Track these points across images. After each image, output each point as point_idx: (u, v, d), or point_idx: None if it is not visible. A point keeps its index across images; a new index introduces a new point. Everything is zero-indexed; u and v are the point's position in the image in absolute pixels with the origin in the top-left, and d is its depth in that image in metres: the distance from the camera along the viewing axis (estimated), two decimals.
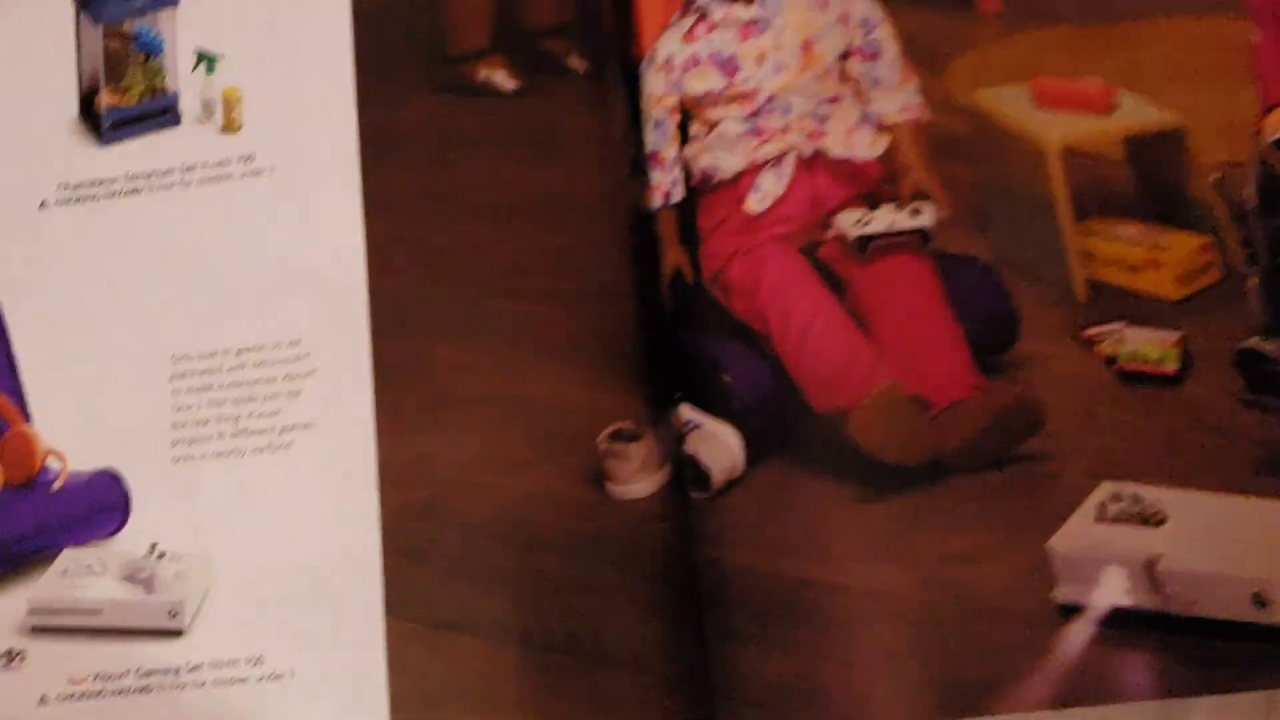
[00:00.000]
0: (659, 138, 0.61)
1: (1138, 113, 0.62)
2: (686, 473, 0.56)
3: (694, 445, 0.56)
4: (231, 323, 0.56)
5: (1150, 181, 0.63)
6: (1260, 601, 0.50)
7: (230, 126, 0.59)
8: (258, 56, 0.60)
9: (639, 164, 0.61)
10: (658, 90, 0.61)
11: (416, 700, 0.51)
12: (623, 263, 0.58)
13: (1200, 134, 0.61)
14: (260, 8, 0.60)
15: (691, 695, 0.52)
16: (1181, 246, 0.60)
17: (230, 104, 0.59)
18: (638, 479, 0.55)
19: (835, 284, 0.59)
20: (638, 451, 0.55)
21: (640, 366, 0.56)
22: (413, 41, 0.62)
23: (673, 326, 0.58)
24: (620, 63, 0.62)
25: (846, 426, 0.56)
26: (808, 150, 0.60)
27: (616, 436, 0.55)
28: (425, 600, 0.52)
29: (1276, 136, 0.57)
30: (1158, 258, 0.60)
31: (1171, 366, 0.58)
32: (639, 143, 0.61)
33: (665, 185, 0.61)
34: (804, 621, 0.53)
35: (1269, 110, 0.58)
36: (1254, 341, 0.56)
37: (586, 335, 0.56)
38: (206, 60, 0.60)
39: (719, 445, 0.57)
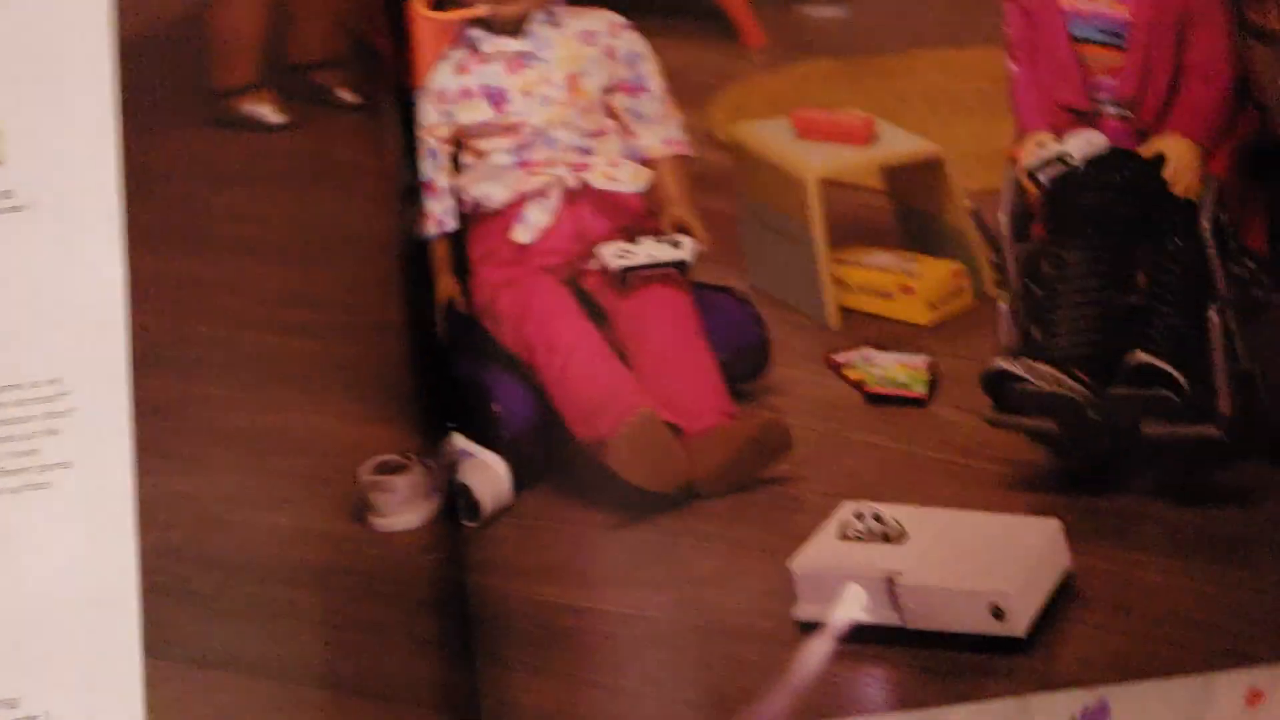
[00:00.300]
0: (433, 167, 0.62)
1: (896, 143, 0.65)
2: (459, 502, 0.57)
3: (465, 474, 0.57)
4: None
5: (907, 210, 0.66)
6: (998, 613, 0.53)
7: None
8: (16, 91, 0.58)
9: (413, 193, 0.62)
10: (431, 120, 0.62)
11: None
12: (393, 293, 0.59)
13: (958, 162, 0.64)
14: (19, 42, 0.59)
15: None
16: (934, 273, 0.63)
17: None
18: (403, 510, 0.56)
19: (598, 314, 0.61)
20: (404, 483, 0.56)
21: (411, 397, 0.57)
22: (177, 75, 0.61)
23: (446, 356, 0.59)
24: (396, 93, 0.63)
25: (603, 455, 0.57)
26: (573, 182, 0.62)
27: (381, 469, 0.56)
28: (184, 639, 0.52)
29: (1029, 163, 0.60)
30: (910, 284, 0.63)
31: (920, 390, 0.61)
32: (414, 171, 0.62)
33: (439, 214, 0.62)
34: (566, 646, 0.54)
35: (1023, 137, 0.62)
36: (1001, 362, 0.59)
37: (353, 368, 0.57)
38: None
39: (488, 475, 0.58)
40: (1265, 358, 0.58)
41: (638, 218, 0.62)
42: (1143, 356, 0.58)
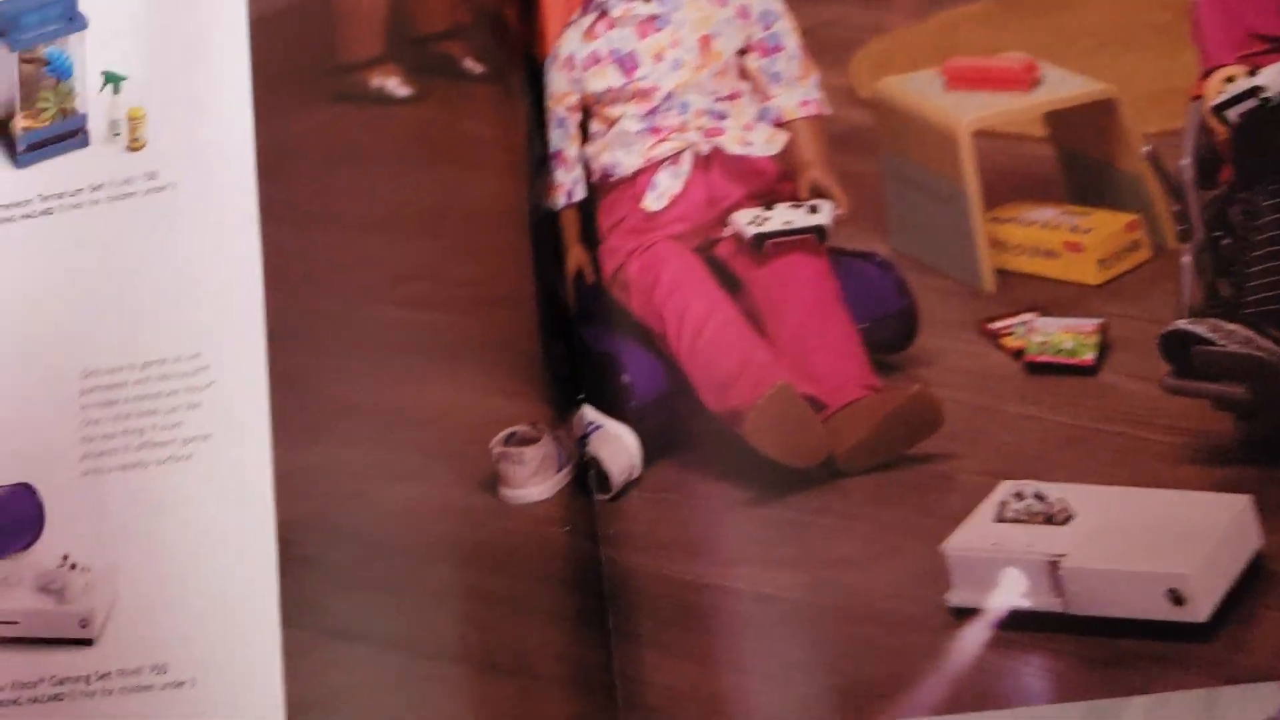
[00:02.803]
0: (561, 136, 0.60)
1: (1061, 86, 0.59)
2: (589, 474, 0.55)
3: (595, 446, 0.56)
4: (137, 337, 0.57)
5: (1074, 159, 0.61)
6: (1177, 598, 0.48)
7: (135, 145, 0.60)
8: (159, 75, 0.60)
9: (540, 163, 0.61)
10: (560, 88, 0.61)
11: (312, 709, 0.51)
12: (522, 265, 0.57)
13: (1132, 103, 0.58)
14: (162, 26, 0.61)
15: (592, 702, 0.51)
16: (1105, 227, 0.58)
17: (134, 123, 0.60)
18: (534, 483, 0.55)
19: (731, 283, 0.58)
20: (534, 455, 0.55)
21: (540, 369, 0.56)
22: (304, 51, 0.62)
23: (576, 326, 0.58)
24: (522, 62, 0.61)
25: (739, 428, 0.54)
26: (705, 148, 0.59)
27: (511, 440, 0.55)
28: (321, 611, 0.52)
29: (1217, 101, 0.54)
30: (1078, 240, 0.58)
31: (1088, 356, 0.55)
32: (541, 142, 0.61)
33: (568, 184, 0.60)
34: (700, 625, 0.52)
35: (1209, 73, 0.55)
36: (1184, 323, 0.53)
37: (481, 340, 0.56)
38: (112, 81, 0.60)
39: (617, 446, 0.56)
40: None
41: (773, 182, 0.59)
42: None
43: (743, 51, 0.60)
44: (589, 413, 0.57)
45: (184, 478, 0.55)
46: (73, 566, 0.55)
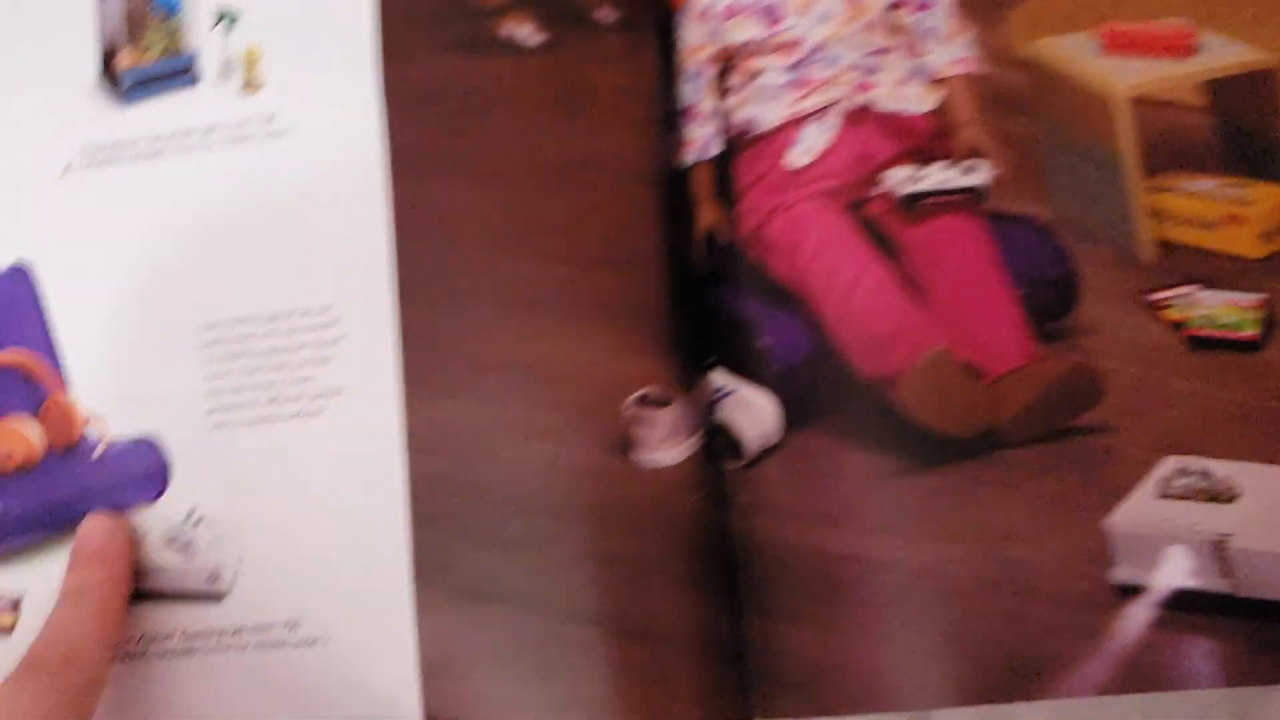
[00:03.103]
0: (695, 90, 0.58)
1: (1222, 54, 0.57)
2: (719, 441, 0.54)
3: (726, 412, 0.54)
4: (261, 288, 0.55)
5: (1234, 129, 0.58)
6: None
7: (250, 86, 0.57)
8: (278, 13, 0.58)
9: (672, 118, 0.59)
10: (695, 40, 0.58)
11: (445, 667, 0.50)
12: (653, 222, 0.55)
13: None
14: None
15: (724, 671, 0.50)
16: (1268, 199, 0.55)
17: (250, 63, 0.57)
18: (665, 447, 0.53)
19: (881, 243, 0.56)
20: (666, 418, 0.53)
21: (670, 330, 0.54)
22: None
23: (706, 288, 0.56)
24: (655, 13, 0.59)
25: (893, 394, 0.53)
26: (854, 103, 0.57)
27: (643, 402, 0.53)
28: (451, 568, 0.51)
29: None
30: (1239, 213, 0.56)
31: (1250, 331, 0.53)
32: (672, 96, 0.59)
33: (701, 139, 0.58)
34: (844, 597, 0.50)
35: None
36: None
37: (614, 299, 0.54)
38: (226, 18, 0.58)
39: (753, 412, 0.54)
40: None
41: (926, 141, 0.57)
42: None
43: (894, 6, 0.58)
44: (719, 377, 0.55)
45: (314, 433, 0.53)
46: (199, 521, 0.53)
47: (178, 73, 0.59)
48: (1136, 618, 0.48)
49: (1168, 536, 0.49)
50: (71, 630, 0.47)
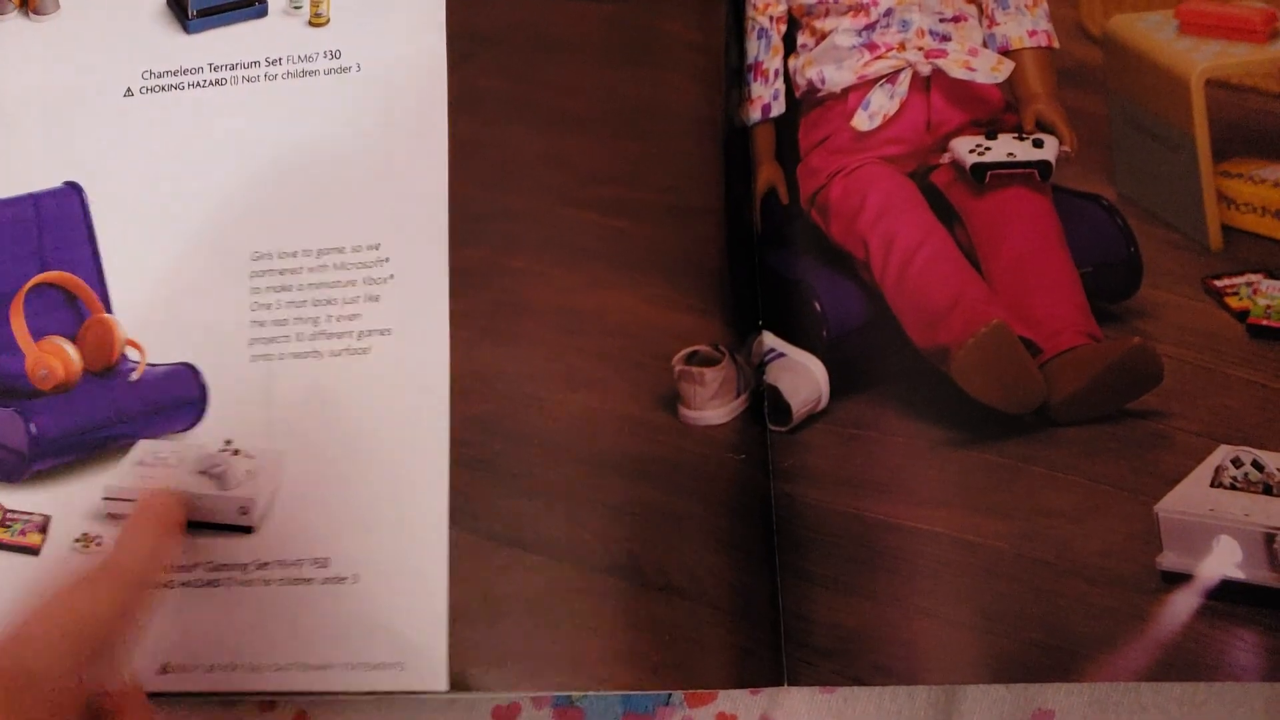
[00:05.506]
0: (762, 47, 0.58)
1: None
2: (766, 403, 0.53)
3: (775, 375, 0.53)
4: (312, 222, 0.54)
5: None
6: None
7: (317, 20, 0.57)
8: None
9: (737, 75, 0.58)
10: None
11: (474, 612, 0.50)
12: (712, 179, 0.55)
13: None
14: None
15: (756, 634, 0.50)
16: None
17: None
18: (712, 405, 0.52)
19: (945, 212, 0.55)
20: (714, 376, 0.53)
21: (724, 289, 0.54)
22: None
23: (761, 248, 0.55)
24: None
25: (947, 365, 0.52)
26: (925, 69, 0.56)
27: (692, 359, 0.53)
28: (487, 513, 0.51)
29: None
30: None
31: None
32: (739, 52, 0.58)
33: (765, 98, 0.57)
34: (882, 567, 0.50)
35: None
36: None
37: (668, 252, 0.53)
38: None
39: (802, 376, 0.54)
40: None
41: (996, 111, 0.56)
42: None
43: None
44: (769, 339, 0.54)
45: (359, 371, 0.53)
46: (235, 452, 0.53)
47: (246, 3, 0.58)
48: (1180, 605, 0.47)
49: (1217, 526, 0.48)
50: (144, 544, 0.47)
